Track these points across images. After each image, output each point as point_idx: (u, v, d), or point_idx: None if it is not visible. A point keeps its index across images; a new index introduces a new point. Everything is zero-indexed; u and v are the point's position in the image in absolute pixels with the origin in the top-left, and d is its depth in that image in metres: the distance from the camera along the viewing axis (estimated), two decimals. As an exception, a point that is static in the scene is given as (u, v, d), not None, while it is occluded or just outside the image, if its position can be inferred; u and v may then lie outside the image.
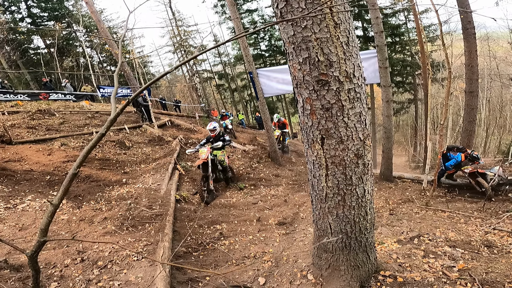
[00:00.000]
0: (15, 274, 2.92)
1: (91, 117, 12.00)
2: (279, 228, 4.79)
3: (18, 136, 9.38)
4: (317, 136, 2.42)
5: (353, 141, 2.39)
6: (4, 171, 6.88)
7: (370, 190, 2.60)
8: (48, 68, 19.39)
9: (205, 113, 17.67)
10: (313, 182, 2.60)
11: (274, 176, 8.99)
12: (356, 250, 2.69)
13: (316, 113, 2.36)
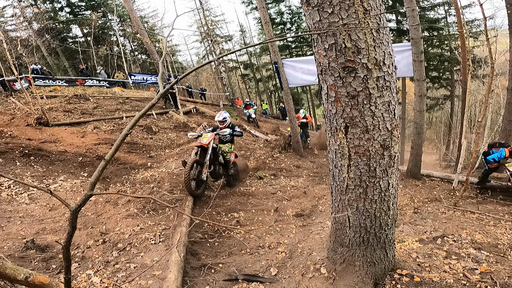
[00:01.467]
0: (40, 255, 3.04)
1: (122, 103, 12.44)
2: (296, 220, 4.69)
3: (55, 119, 9.92)
4: (341, 124, 2.27)
5: (380, 131, 2.22)
6: (40, 152, 7.30)
7: (395, 184, 2.41)
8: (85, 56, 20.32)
9: (229, 101, 17.72)
10: (334, 172, 2.46)
11: (295, 167, 8.84)
12: (374, 246, 2.54)
13: (340, 101, 2.22)
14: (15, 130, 8.42)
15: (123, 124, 9.97)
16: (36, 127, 8.93)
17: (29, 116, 9.48)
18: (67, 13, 20.97)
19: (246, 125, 13.69)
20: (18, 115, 9.73)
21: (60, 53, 20.55)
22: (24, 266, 2.78)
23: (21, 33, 18.47)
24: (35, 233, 3.78)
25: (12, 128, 8.53)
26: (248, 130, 12.90)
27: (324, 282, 2.54)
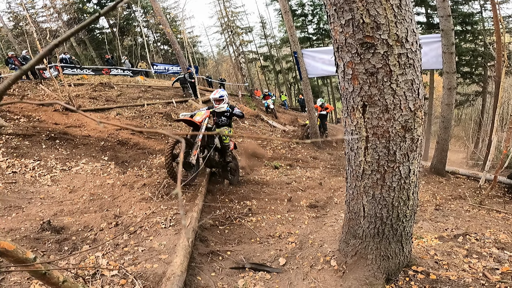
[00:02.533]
0: (54, 236, 3.07)
1: (144, 91, 12.65)
2: (310, 211, 4.52)
3: (81, 105, 10.23)
4: (358, 103, 2.08)
5: (401, 111, 2.01)
6: (65, 135, 7.54)
7: (417, 171, 2.19)
8: (111, 47, 20.86)
9: (248, 92, 17.59)
10: (350, 156, 2.28)
11: (312, 158, 8.62)
12: (390, 238, 2.34)
13: (358, 78, 2.04)
14: (43, 115, 8.76)
15: (144, 111, 10.13)
16: (62, 113, 9.25)
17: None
18: (94, 5, 21.54)
19: (264, 115, 13.52)
20: (46, 101, 10.09)
21: (88, 44, 21.23)
22: (38, 247, 2.79)
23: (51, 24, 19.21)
24: (53, 214, 3.85)
25: (40, 113, 8.87)
26: (266, 120, 12.74)
27: (333, 275, 2.39)
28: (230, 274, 2.69)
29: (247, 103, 15.65)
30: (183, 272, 2.37)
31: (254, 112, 13.33)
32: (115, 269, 2.36)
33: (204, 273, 2.64)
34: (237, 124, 10.83)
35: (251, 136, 0.90)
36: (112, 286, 2.16)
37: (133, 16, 22.39)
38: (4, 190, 4.48)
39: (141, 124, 8.92)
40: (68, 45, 19.69)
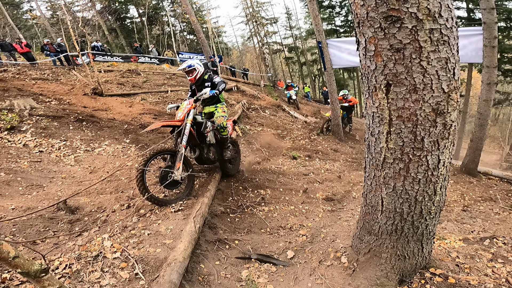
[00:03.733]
0: (68, 216, 3.07)
1: (169, 78, 12.81)
2: (325, 204, 4.26)
3: (109, 90, 10.51)
4: (381, 82, 1.81)
5: (432, 92, 1.72)
6: (92, 118, 7.75)
7: (447, 162, 1.89)
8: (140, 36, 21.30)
9: (271, 82, 17.28)
10: (370, 141, 2.01)
11: (332, 150, 8.25)
12: (409, 237, 2.07)
13: (381, 55, 1.78)
14: (73, 98, 9.07)
15: (168, 97, 10.23)
16: (91, 96, 9.55)
17: (86, 86, 10.16)
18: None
19: (286, 106, 13.21)
20: (77, 85, 10.47)
21: (119, 32, 21.83)
22: (50, 227, 2.79)
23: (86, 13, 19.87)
24: (70, 194, 3.88)
25: (71, 97, 9.20)
26: (287, 111, 12.44)
27: (342, 273, 2.17)
28: (235, 264, 2.55)
29: (269, 93, 15.37)
30: (185, 258, 2.25)
31: (276, 102, 13.05)
32: (118, 251, 2.29)
33: (208, 261, 2.52)
34: (258, 113, 10.63)
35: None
36: (112, 269, 2.08)
37: (161, 6, 22.64)
38: (28, 169, 4.63)
39: (163, 110, 9.00)
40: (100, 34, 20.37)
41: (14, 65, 11.59)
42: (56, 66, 12.41)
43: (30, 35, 20.62)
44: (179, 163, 3.31)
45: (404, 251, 2.12)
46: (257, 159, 6.54)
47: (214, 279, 2.25)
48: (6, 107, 7.16)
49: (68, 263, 2.09)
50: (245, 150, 6.79)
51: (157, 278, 1.95)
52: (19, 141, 5.95)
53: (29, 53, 12.24)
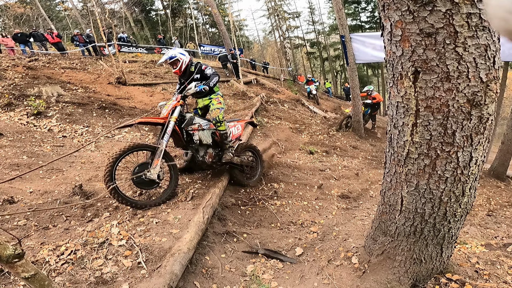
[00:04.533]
0: (82, 201, 3.06)
1: (189, 70, 12.87)
2: (340, 201, 4.06)
3: (132, 79, 10.72)
4: (408, 68, 1.61)
5: (468, 81, 1.51)
6: (114, 106, 7.92)
7: (480, 160, 1.67)
8: (164, 28, 21.59)
9: (291, 77, 16.95)
10: (392, 134, 1.81)
11: (351, 147, 7.94)
12: (428, 240, 1.88)
13: (409, 40, 1.60)
14: (98, 87, 9.32)
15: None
16: (115, 86, 9.78)
17: (111, 76, 10.41)
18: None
19: (305, 100, 12.89)
20: (103, 75, 10.75)
21: (144, 24, 22.24)
22: (64, 212, 2.79)
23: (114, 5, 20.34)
24: (88, 179, 3.91)
25: (96, 85, 9.45)
26: (306, 106, 12.15)
27: (351, 274, 2.01)
28: (241, 258, 2.45)
29: (289, 87, 15.09)
30: (190, 249, 2.17)
31: (295, 97, 12.77)
32: (124, 239, 2.24)
33: (214, 253, 2.43)
34: (276, 107, 10.44)
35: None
36: (116, 257, 2.04)
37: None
38: (50, 153, 4.76)
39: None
40: (127, 26, 20.85)
41: (45, 55, 12.07)
42: (85, 56, 12.80)
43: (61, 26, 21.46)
44: (156, 161, 2.92)
45: (421, 254, 1.93)
46: (273, 152, 6.40)
47: (218, 272, 2.17)
48: (35, 93, 7.45)
49: (74, 249, 2.07)
50: (260, 143, 6.65)
51: (158, 268, 1.88)
52: (44, 126, 6.17)
53: (59, 43, 12.69)
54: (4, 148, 4.41)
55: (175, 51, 3.41)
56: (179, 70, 3.41)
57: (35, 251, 2.07)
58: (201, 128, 3.38)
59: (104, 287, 1.74)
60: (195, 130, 3.31)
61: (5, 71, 8.69)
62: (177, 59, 3.36)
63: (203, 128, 3.41)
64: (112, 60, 10.81)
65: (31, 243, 2.19)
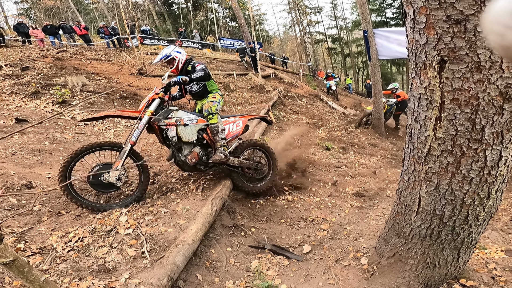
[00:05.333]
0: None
1: (209, 62, 12.92)
2: (355, 199, 3.89)
3: (153, 71, 10.88)
4: (433, 58, 1.47)
5: (502, 72, 1.35)
6: (135, 96, 8.08)
7: (510, 160, 1.50)
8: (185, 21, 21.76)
9: (310, 72, 16.59)
10: (413, 129, 1.67)
11: (370, 145, 7.66)
12: (445, 244, 1.74)
13: (435, 27, 1.46)
14: (120, 78, 9.55)
15: (205, 81, 10.33)
16: (136, 76, 9.99)
17: (133, 67, 10.64)
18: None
19: (324, 96, 12.58)
20: (125, 66, 11.01)
21: (166, 17, 22.55)
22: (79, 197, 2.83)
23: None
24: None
25: (119, 76, 9.69)
26: (325, 101, 11.85)
27: (358, 275, 1.90)
28: (246, 253, 2.39)
29: (308, 82, 14.79)
30: (195, 241, 2.13)
31: (314, 92, 12.50)
32: (131, 228, 2.24)
33: (220, 246, 2.38)
34: (294, 101, 10.25)
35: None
36: (121, 245, 2.04)
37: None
38: (71, 140, 4.91)
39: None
40: (151, 19, 21.21)
41: (72, 46, 12.51)
42: (109, 48, 13.14)
43: (89, 18, 22.19)
44: (118, 162, 2.67)
45: (435, 259, 1.80)
46: (288, 147, 6.29)
47: (222, 266, 2.12)
48: (61, 83, 7.73)
49: (81, 236, 2.09)
50: (275, 136, 6.56)
51: (161, 258, 1.86)
52: (68, 113, 6.39)
53: (86, 35, 13.09)
54: (28, 134, 4.59)
55: (169, 49, 3.16)
56: (176, 69, 3.16)
57: (45, 237, 2.11)
58: (181, 123, 2.90)
59: (106, 275, 1.73)
60: (169, 125, 2.85)
61: (34, 62, 9.08)
62: (173, 58, 3.11)
63: (186, 123, 2.93)
64: (134, 52, 11.03)
65: (42, 229, 2.24)
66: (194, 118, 3.04)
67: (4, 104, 6.25)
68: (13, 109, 5.92)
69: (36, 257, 1.85)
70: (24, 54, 9.82)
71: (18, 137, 4.58)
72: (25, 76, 7.84)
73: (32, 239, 2.08)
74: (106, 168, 2.65)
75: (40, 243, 1.99)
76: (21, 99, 6.68)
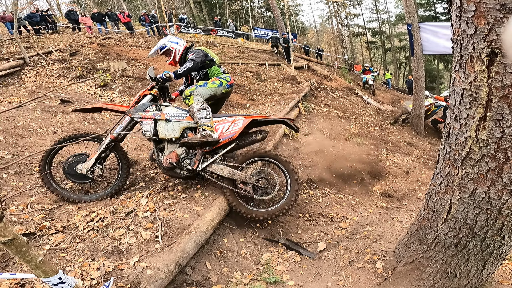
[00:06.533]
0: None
1: (242, 52, 12.89)
2: (381, 199, 3.65)
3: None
4: (482, 49, 1.27)
5: None
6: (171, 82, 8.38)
7: None
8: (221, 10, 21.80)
9: (346, 65, 15.85)
10: (451, 128, 1.47)
11: (405, 143, 7.16)
12: (470, 254, 1.57)
13: (486, 16, 1.27)
14: (157, 64, 9.88)
15: (238, 69, 10.31)
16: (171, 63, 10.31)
17: (169, 55, 10.97)
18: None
19: (360, 90, 11.96)
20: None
21: (203, 6, 22.79)
22: (107, 178, 2.91)
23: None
24: (134, 148, 4.10)
25: (156, 63, 10.02)
26: (360, 95, 11.28)
27: (371, 279, 1.76)
28: (259, 245, 2.34)
29: (343, 76, 14.14)
30: (209, 229, 2.12)
31: (349, 85, 11.93)
32: (150, 211, 2.28)
33: (233, 236, 2.35)
34: (326, 94, 9.88)
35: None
36: (137, 228, 2.08)
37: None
38: (108, 121, 5.17)
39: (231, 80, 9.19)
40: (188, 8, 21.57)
41: (117, 33, 13.14)
42: (149, 35, 13.63)
43: (132, 6, 23.15)
44: (93, 155, 2.54)
45: (457, 269, 1.63)
46: (316, 139, 6.09)
47: (232, 256, 2.09)
48: (104, 67, 8.19)
49: (103, 216, 2.16)
50: (303, 128, 6.38)
51: (172, 244, 1.87)
52: (108, 96, 6.76)
53: (129, 22, 13.67)
54: (70, 114, 4.92)
55: (165, 40, 2.90)
56: (173, 61, 2.92)
57: (71, 215, 2.22)
58: (161, 118, 2.54)
59: (117, 257, 1.78)
60: (145, 118, 2.53)
61: (82, 48, 9.70)
62: (168, 49, 2.86)
63: (168, 118, 2.55)
64: (172, 39, 11.33)
65: (70, 207, 2.37)
66: (182, 115, 2.62)
67: (52, 86, 6.79)
68: (60, 91, 6.39)
69: (58, 235, 1.94)
70: (74, 40, 10.51)
71: (61, 117, 4.95)
72: (72, 60, 8.43)
73: (59, 216, 2.20)
74: (82, 159, 2.56)
75: (65, 221, 2.10)
76: (67, 82, 7.20)
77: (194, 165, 2.49)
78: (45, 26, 11.37)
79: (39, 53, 8.43)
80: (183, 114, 2.62)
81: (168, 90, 2.86)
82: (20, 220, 2.08)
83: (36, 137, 4.09)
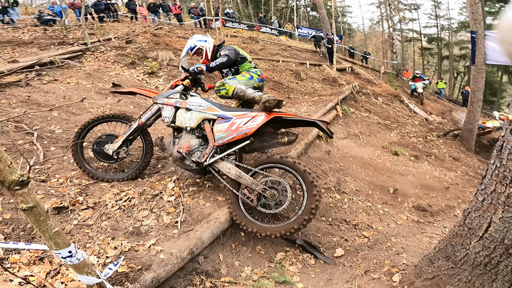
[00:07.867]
0: (160, 153, 3.27)
1: (283, 49, 12.78)
2: (413, 212, 3.36)
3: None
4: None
5: None
6: (212, 74, 8.60)
7: None
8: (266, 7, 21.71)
9: (394, 70, 14.86)
10: (505, 142, 1.32)
11: (451, 158, 6.55)
12: (499, 275, 1.43)
13: None
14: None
15: (278, 66, 10.23)
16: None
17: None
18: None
19: (406, 98, 11.16)
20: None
21: (249, 2, 22.95)
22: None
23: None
24: (170, 133, 4.30)
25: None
26: (406, 103, 10.54)
27: None
28: (276, 243, 2.28)
29: (389, 81, 13.30)
30: (228, 220, 2.11)
31: (394, 92, 11.20)
32: (175, 195, 2.32)
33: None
34: (368, 99, 9.38)
35: None
36: (160, 211, 2.13)
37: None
38: (150, 105, 5.48)
39: (270, 76, 9.12)
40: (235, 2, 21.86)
41: (168, 24, 13.81)
42: (196, 28, 14.11)
43: (182, -2, 24.14)
44: (121, 137, 2.61)
45: None
46: (351, 144, 5.82)
47: (246, 251, 2.06)
48: (153, 56, 8.67)
49: (131, 197, 2.24)
50: (339, 131, 6.13)
51: (189, 231, 1.89)
52: (154, 83, 7.14)
53: (179, 14, 14.27)
54: (119, 97, 5.30)
55: (193, 40, 2.96)
56: (206, 60, 2.94)
57: (103, 192, 2.33)
58: (182, 105, 2.50)
59: (136, 238, 1.83)
60: (166, 104, 2.54)
61: (136, 36, 10.35)
62: (199, 48, 2.90)
63: (188, 107, 2.49)
64: (216, 33, 11.57)
65: (104, 184, 2.48)
66: (204, 105, 2.53)
67: (107, 70, 7.35)
68: (113, 75, 6.90)
69: (87, 212, 2.04)
70: (130, 29, 11.25)
71: (111, 99, 5.34)
72: (127, 48, 9.04)
73: (93, 193, 2.31)
74: (110, 140, 2.64)
75: (97, 198, 2.21)
76: (120, 67, 7.75)
77: (202, 158, 2.35)
78: (108, 15, 12.31)
79: (100, 39, 9.17)
80: (206, 105, 2.53)
81: (201, 81, 2.87)
82: (58, 193, 2.21)
83: (87, 115, 4.45)
